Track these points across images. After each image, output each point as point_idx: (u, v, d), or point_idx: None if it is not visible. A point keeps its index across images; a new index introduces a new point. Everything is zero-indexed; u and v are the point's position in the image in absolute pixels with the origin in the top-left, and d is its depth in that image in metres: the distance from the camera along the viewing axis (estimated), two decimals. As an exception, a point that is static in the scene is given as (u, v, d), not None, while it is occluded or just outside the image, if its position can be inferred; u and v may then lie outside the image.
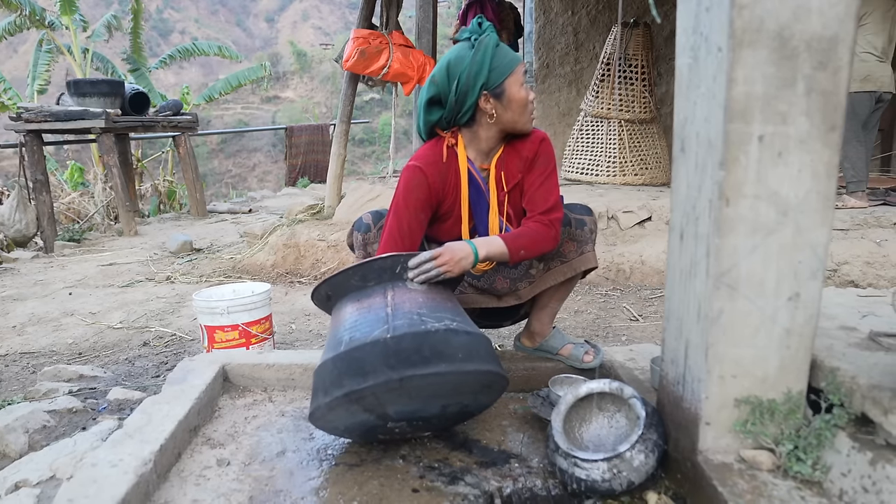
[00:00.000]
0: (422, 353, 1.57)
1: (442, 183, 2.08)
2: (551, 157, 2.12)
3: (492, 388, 1.74)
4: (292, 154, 12.60)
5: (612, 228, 4.79)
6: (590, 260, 2.17)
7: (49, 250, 6.47)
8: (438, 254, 1.83)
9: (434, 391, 1.62)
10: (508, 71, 1.98)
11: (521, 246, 1.98)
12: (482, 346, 1.69)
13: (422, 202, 2.05)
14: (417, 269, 1.80)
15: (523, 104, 2.00)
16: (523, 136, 2.11)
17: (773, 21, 1.24)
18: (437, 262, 1.81)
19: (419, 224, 2.05)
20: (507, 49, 2.01)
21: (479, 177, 2.11)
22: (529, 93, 2.01)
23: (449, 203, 2.12)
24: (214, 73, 36.86)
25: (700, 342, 1.41)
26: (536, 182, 2.08)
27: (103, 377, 2.75)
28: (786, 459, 1.36)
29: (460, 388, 1.66)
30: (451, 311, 1.77)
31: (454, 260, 1.85)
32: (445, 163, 2.08)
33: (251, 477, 1.67)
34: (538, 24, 8.99)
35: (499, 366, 1.71)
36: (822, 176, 1.31)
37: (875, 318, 1.72)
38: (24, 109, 6.86)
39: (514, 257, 1.98)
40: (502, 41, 2.68)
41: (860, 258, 3.95)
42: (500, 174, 2.11)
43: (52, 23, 11.01)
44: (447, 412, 1.73)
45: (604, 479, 1.48)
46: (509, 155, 2.11)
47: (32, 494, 1.56)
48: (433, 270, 1.81)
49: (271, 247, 5.06)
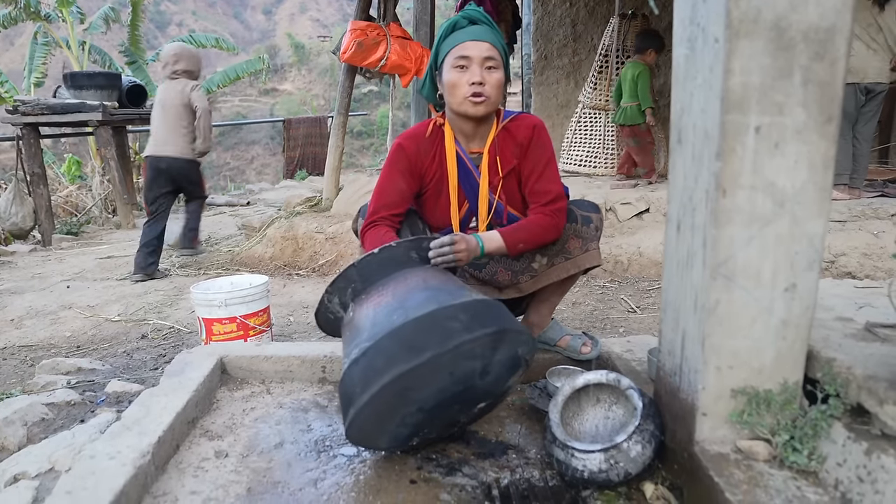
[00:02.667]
0: (466, 321, 1.50)
1: (421, 155, 2.12)
2: (547, 144, 2.12)
3: (517, 362, 1.66)
4: (290, 146, 12.56)
5: (609, 220, 4.79)
6: (594, 258, 2.17)
7: (47, 243, 6.46)
8: (456, 240, 1.87)
9: (471, 365, 1.54)
10: (446, 51, 2.02)
11: (520, 240, 2.01)
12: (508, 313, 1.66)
13: (401, 173, 2.11)
14: (438, 250, 1.84)
15: (451, 87, 2.01)
16: (516, 121, 2.12)
17: (769, 11, 1.24)
18: (454, 248, 1.85)
19: (400, 195, 2.10)
20: (467, 31, 2.01)
21: (466, 158, 2.13)
22: (462, 75, 1.98)
23: (433, 179, 2.15)
24: (212, 65, 36.72)
25: (697, 333, 1.41)
26: (536, 171, 2.08)
27: (101, 370, 2.76)
28: (782, 450, 1.36)
29: (496, 353, 1.56)
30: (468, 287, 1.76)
31: (468, 249, 1.90)
32: (428, 138, 2.13)
33: (249, 468, 1.68)
34: (536, 16, 8.97)
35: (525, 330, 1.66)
36: (818, 167, 1.30)
37: (872, 309, 1.72)
38: (20, 102, 6.84)
39: (513, 251, 2.02)
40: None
41: (857, 250, 3.96)
42: (496, 158, 2.12)
43: (49, 15, 10.97)
44: (477, 394, 1.65)
45: (601, 470, 1.48)
46: (504, 140, 2.12)
47: (31, 486, 1.57)
48: (450, 255, 1.84)
49: (269, 239, 5.06)
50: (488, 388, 1.66)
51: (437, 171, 2.14)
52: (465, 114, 2.03)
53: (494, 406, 1.84)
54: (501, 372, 1.63)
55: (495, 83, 2.00)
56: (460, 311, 1.53)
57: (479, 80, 1.97)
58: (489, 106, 2.01)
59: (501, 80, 2.02)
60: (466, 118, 2.06)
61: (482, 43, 1.98)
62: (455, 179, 2.14)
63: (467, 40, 1.98)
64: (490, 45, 1.99)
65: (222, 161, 32.14)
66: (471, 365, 1.53)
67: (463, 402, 1.65)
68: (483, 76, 1.98)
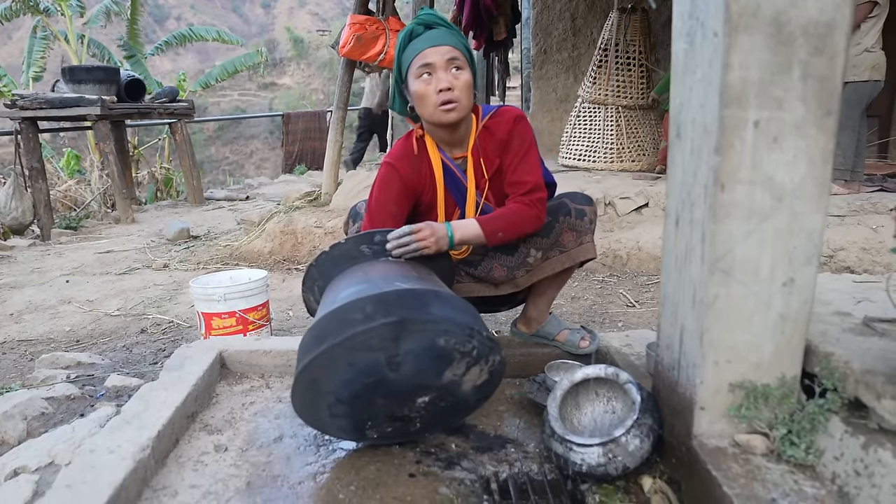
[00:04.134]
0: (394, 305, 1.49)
1: (416, 175, 2.08)
2: (526, 134, 2.06)
3: (446, 354, 1.55)
4: (289, 141, 12.56)
5: (609, 215, 4.79)
6: (588, 251, 2.15)
7: (46, 238, 6.46)
8: (418, 228, 1.84)
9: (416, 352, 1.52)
10: (408, 62, 1.95)
11: (498, 228, 1.95)
12: (461, 306, 1.59)
13: (394, 197, 2.05)
14: (396, 241, 1.82)
15: (420, 98, 1.94)
16: (496, 117, 2.07)
17: (769, 6, 1.24)
18: (416, 237, 1.82)
19: (393, 220, 2.04)
20: (424, 38, 1.93)
21: (453, 165, 2.10)
22: (428, 84, 1.92)
23: (428, 195, 2.12)
24: (211, 59, 36.66)
25: (695, 327, 1.42)
26: (514, 162, 2.04)
27: (101, 364, 2.76)
28: (779, 444, 1.37)
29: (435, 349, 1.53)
30: (425, 278, 1.72)
31: (435, 236, 1.85)
32: (417, 155, 2.08)
33: (249, 462, 1.68)
34: (536, 10, 8.95)
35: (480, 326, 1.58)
36: (817, 161, 1.30)
37: (870, 303, 1.72)
38: (19, 97, 6.82)
39: (492, 240, 1.96)
40: (500, 26, 2.60)
41: (856, 244, 3.96)
42: (479, 161, 2.08)
43: (48, 9, 10.93)
44: (403, 386, 1.59)
45: (599, 464, 1.49)
46: (484, 140, 2.08)
47: (31, 480, 1.57)
48: (412, 245, 1.82)
49: (268, 234, 5.06)
50: (416, 381, 1.58)
51: (430, 187, 2.12)
52: (438, 122, 1.97)
53: (461, 403, 1.71)
54: (424, 364, 1.54)
55: (463, 85, 1.92)
56: (370, 302, 1.50)
57: (447, 86, 1.90)
58: (461, 111, 1.95)
59: (469, 80, 1.95)
60: (442, 126, 2.00)
61: (442, 47, 1.91)
62: (443, 189, 2.11)
63: (427, 47, 1.91)
64: (450, 48, 1.91)
65: (221, 155, 32.09)
66: (372, 356, 1.49)
67: (389, 394, 1.59)
68: (450, 80, 1.91)
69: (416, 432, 1.75)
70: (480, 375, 1.64)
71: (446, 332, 1.50)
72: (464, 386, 1.65)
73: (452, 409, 1.72)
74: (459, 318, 1.53)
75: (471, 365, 1.60)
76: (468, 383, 1.65)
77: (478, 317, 1.63)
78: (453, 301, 1.59)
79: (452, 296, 1.62)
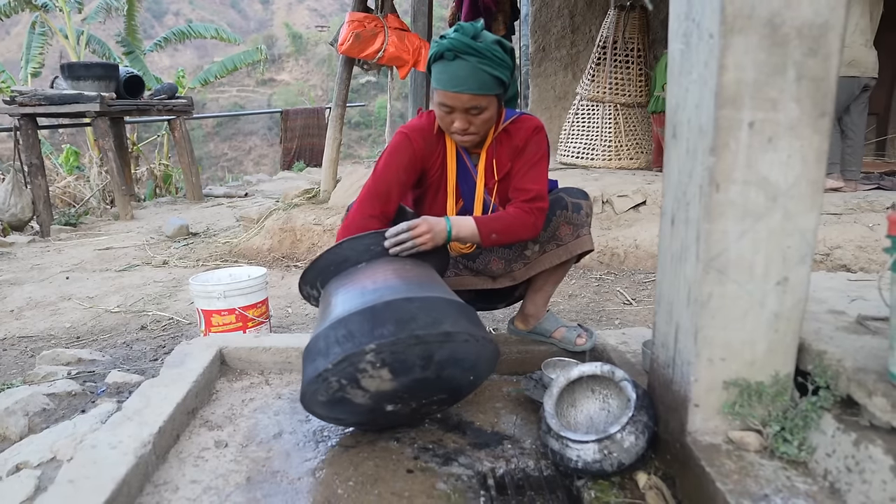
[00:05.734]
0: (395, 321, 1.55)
1: (428, 150, 2.10)
2: (542, 145, 2.10)
3: (475, 355, 1.67)
4: (288, 138, 12.54)
5: (606, 212, 4.81)
6: (585, 243, 2.18)
7: (45, 234, 6.46)
8: (415, 225, 1.85)
9: (416, 360, 1.58)
10: (434, 84, 1.96)
11: (494, 230, 1.97)
12: (455, 311, 1.64)
13: (403, 165, 2.07)
14: (393, 239, 1.83)
15: (439, 118, 2.01)
16: (517, 123, 2.10)
17: (764, 8, 1.25)
18: (412, 234, 1.84)
19: (399, 186, 2.06)
20: (449, 70, 1.90)
21: (466, 158, 2.14)
22: (447, 117, 1.96)
23: (435, 174, 2.15)
24: (209, 55, 36.55)
25: (690, 326, 1.43)
26: (523, 169, 2.07)
27: (102, 361, 2.77)
28: (773, 440, 1.38)
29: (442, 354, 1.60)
30: (427, 283, 1.75)
31: (432, 232, 1.86)
32: (436, 134, 2.11)
33: (248, 458, 1.70)
34: (534, 7, 8.95)
35: (473, 328, 1.64)
36: (811, 162, 1.32)
37: (864, 301, 1.74)
38: (17, 93, 6.81)
39: (486, 241, 1.98)
40: (499, 24, 2.58)
41: (853, 242, 3.97)
42: (492, 161, 2.12)
43: (46, 5, 10.90)
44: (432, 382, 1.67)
45: (595, 460, 1.51)
46: (501, 143, 2.11)
47: (33, 476, 1.59)
48: (409, 242, 1.83)
49: (267, 231, 5.07)
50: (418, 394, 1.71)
51: (439, 168, 2.14)
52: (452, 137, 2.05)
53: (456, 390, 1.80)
54: (421, 385, 1.67)
55: (482, 123, 1.97)
56: (335, 328, 1.59)
57: (463, 128, 1.96)
58: (478, 137, 2.02)
59: (490, 116, 1.97)
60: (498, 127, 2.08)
61: (462, 96, 1.89)
62: (454, 179, 2.14)
63: (448, 89, 1.90)
64: (471, 97, 1.90)
65: (220, 152, 32.04)
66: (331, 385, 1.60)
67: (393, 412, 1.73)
68: (466, 124, 1.95)
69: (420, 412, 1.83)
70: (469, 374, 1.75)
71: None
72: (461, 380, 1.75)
73: (451, 395, 1.82)
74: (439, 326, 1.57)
75: (466, 368, 1.70)
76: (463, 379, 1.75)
77: (461, 320, 1.64)
78: (442, 308, 1.63)
79: (444, 302, 1.65)
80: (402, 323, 1.53)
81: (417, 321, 1.54)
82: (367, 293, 1.65)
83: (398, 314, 1.55)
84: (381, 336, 1.51)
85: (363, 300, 1.62)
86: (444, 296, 1.68)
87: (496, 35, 2.00)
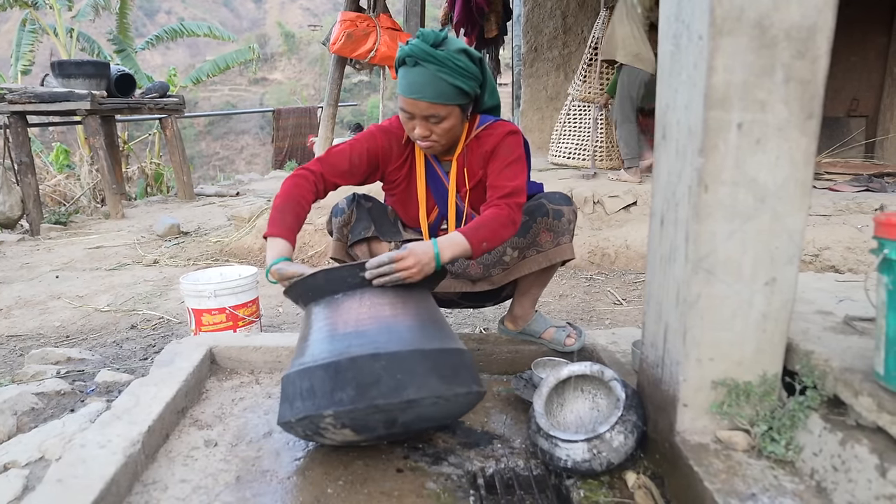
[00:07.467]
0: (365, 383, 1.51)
1: (389, 149, 2.13)
2: (515, 148, 2.03)
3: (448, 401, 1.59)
4: (280, 137, 12.54)
5: (597, 213, 4.82)
6: (565, 252, 2.14)
7: (35, 233, 6.42)
8: (400, 257, 1.66)
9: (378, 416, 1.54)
10: (397, 90, 1.97)
11: (483, 238, 1.85)
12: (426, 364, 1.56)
13: (359, 151, 2.08)
14: (376, 270, 1.65)
15: (402, 122, 2.01)
16: (489, 129, 2.06)
17: (753, 10, 1.26)
18: (398, 266, 1.65)
19: (348, 163, 2.07)
20: (409, 77, 1.89)
21: (437, 166, 2.15)
22: (408, 122, 1.96)
23: (399, 180, 2.17)
24: (201, 54, 36.48)
25: (678, 326, 1.44)
26: (497, 169, 2.00)
27: (91, 360, 2.76)
28: (760, 440, 1.39)
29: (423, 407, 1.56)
30: (408, 325, 1.65)
31: (419, 264, 1.68)
32: (406, 139, 2.13)
33: (238, 457, 1.70)
34: (527, 8, 8.95)
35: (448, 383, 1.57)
36: (799, 163, 1.33)
37: (851, 302, 1.75)
38: (7, 90, 6.77)
39: (477, 251, 1.85)
40: (491, 24, 2.56)
41: (841, 243, 4.00)
42: (463, 170, 2.11)
43: (36, 2, 10.85)
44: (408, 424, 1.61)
45: (584, 460, 1.51)
46: (472, 151, 2.09)
47: (21, 475, 1.58)
48: (394, 274, 1.65)
49: (258, 230, 5.06)
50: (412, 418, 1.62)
51: (406, 174, 2.15)
52: None
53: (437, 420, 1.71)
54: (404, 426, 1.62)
55: (442, 132, 1.95)
56: (301, 377, 1.59)
57: (423, 135, 1.96)
58: (440, 147, 2.01)
59: (451, 126, 1.95)
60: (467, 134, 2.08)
61: (419, 103, 1.88)
62: (423, 186, 2.14)
63: (407, 95, 1.89)
64: (429, 104, 1.87)
65: (212, 151, 31.96)
66: None
67: None
68: (426, 131, 1.95)
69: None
70: None
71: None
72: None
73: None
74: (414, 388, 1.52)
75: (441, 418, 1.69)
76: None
77: (444, 373, 1.58)
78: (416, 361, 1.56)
79: (417, 354, 1.57)
80: (362, 388, 1.49)
81: (380, 386, 1.49)
82: (337, 339, 1.59)
83: (360, 376, 1.50)
84: (340, 402, 1.48)
85: (331, 348, 1.57)
86: (417, 346, 1.57)
87: (489, 35, 1.98)
